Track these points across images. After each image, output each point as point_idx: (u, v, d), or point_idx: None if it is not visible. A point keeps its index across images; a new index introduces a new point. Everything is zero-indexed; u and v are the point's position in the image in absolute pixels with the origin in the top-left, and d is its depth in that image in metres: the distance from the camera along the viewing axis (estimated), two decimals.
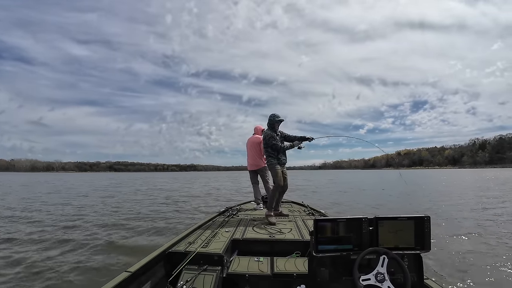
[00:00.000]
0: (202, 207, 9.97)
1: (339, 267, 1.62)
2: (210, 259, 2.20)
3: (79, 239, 5.22)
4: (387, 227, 1.61)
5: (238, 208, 4.56)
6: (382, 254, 1.51)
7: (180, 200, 12.31)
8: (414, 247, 1.60)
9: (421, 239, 1.59)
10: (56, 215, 8.19)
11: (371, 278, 1.47)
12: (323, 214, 4.04)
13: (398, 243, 1.60)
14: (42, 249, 4.59)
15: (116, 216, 8.12)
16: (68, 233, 5.78)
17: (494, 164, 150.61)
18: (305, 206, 4.63)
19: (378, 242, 1.59)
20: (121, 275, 1.80)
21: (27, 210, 9.23)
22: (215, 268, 2.12)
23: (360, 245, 1.59)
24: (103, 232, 5.90)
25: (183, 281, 1.97)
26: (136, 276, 1.88)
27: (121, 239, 5.32)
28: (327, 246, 1.60)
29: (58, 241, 5.10)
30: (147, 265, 2.03)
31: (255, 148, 4.43)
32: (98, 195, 14.95)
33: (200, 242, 2.53)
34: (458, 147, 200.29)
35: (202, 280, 1.99)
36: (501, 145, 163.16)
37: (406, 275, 1.48)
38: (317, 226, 1.60)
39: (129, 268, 1.90)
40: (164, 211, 9.02)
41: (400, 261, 1.51)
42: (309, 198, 9.84)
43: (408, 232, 1.60)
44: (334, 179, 33.17)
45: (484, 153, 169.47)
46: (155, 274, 2.13)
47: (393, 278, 1.50)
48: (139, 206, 10.43)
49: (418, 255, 1.64)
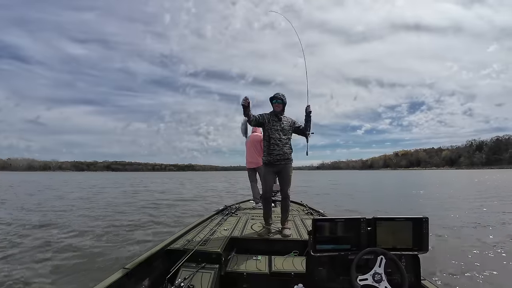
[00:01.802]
0: (183, 215, 8.14)
1: (337, 266, 1.62)
2: (209, 257, 2.19)
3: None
4: (385, 227, 1.61)
5: (237, 206, 4.56)
6: (380, 254, 1.52)
7: (162, 204, 10.58)
8: (412, 248, 1.61)
9: (419, 240, 1.60)
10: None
11: (369, 278, 1.47)
12: (322, 213, 4.04)
13: (396, 244, 1.61)
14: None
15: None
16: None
17: (491, 165, 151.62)
18: (304, 206, 4.63)
19: (376, 242, 1.60)
20: (118, 272, 1.79)
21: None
22: (213, 266, 2.12)
23: (358, 245, 1.59)
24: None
25: (181, 278, 1.96)
26: (134, 273, 1.87)
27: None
28: (325, 246, 1.60)
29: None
30: (145, 262, 2.03)
31: (255, 146, 4.42)
32: (71, 197, 13.48)
33: (198, 240, 2.53)
34: (455, 148, 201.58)
35: (200, 278, 1.99)
36: (498, 146, 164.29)
37: (403, 275, 1.49)
38: (315, 225, 1.60)
39: (127, 265, 1.89)
40: (130, 223, 6.82)
41: (398, 262, 1.52)
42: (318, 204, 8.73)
43: (406, 233, 1.61)
44: (336, 180, 31.63)
45: (481, 154, 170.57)
46: (153, 271, 2.12)
47: (391, 278, 1.51)
48: (107, 213, 8.53)
49: (415, 256, 1.65)
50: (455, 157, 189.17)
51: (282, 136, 2.86)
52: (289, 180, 2.93)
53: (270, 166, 2.91)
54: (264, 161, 2.95)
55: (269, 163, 2.90)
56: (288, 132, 2.93)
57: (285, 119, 2.96)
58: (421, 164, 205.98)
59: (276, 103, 2.92)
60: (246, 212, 4.13)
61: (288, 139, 2.95)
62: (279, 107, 2.93)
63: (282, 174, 2.93)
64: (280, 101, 2.93)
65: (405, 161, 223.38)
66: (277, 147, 2.83)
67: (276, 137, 2.84)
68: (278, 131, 2.86)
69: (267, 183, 2.95)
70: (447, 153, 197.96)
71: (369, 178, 42.56)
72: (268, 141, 2.86)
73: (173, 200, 12.24)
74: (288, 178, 2.92)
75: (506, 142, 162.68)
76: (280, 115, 2.93)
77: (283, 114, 2.98)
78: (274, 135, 2.84)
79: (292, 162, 2.96)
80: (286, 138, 2.90)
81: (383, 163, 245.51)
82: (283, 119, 2.94)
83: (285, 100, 2.96)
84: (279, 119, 2.91)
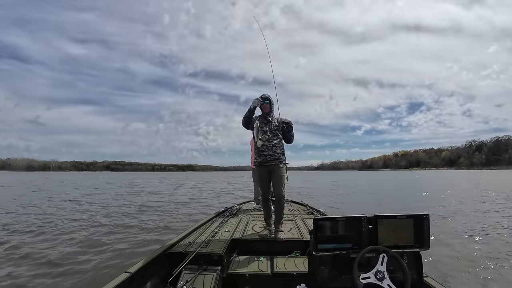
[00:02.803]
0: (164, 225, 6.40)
1: (339, 265, 1.62)
2: (210, 259, 2.19)
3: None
4: (386, 225, 1.61)
5: (238, 208, 4.56)
6: (381, 252, 1.52)
7: (147, 211, 8.73)
8: (413, 245, 1.61)
9: (420, 237, 1.60)
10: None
11: (371, 276, 1.47)
12: (323, 213, 4.04)
13: (398, 242, 1.61)
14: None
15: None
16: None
17: (490, 166, 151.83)
18: (305, 205, 4.64)
19: (378, 240, 1.60)
20: (121, 276, 1.79)
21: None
22: (215, 268, 2.12)
23: (359, 244, 1.60)
24: None
25: (183, 281, 1.96)
26: (136, 277, 1.87)
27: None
28: (327, 245, 1.60)
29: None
30: (147, 265, 2.03)
31: None
32: (60, 199, 12.36)
33: (200, 242, 2.52)
34: (455, 148, 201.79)
35: (202, 280, 1.99)
36: (497, 147, 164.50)
37: (406, 273, 1.49)
38: (316, 225, 1.60)
39: (129, 269, 1.89)
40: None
41: (400, 259, 1.52)
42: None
43: (407, 230, 1.61)
44: (337, 181, 29.64)
45: (481, 154, 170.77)
46: (155, 275, 2.12)
47: (393, 276, 1.51)
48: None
49: (417, 253, 1.65)
50: (455, 158, 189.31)
51: (271, 137, 2.87)
52: (282, 181, 2.82)
53: (261, 167, 2.90)
54: (255, 163, 2.96)
55: (260, 165, 2.90)
56: (277, 133, 2.91)
57: (274, 119, 2.95)
58: (420, 165, 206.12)
59: (264, 104, 2.90)
60: (247, 213, 4.13)
61: (279, 140, 2.92)
62: (267, 108, 2.93)
63: (274, 175, 2.87)
64: (268, 101, 2.92)
65: (405, 161, 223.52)
66: (266, 148, 2.83)
67: (265, 138, 2.84)
68: (267, 132, 2.87)
69: (264, 183, 2.94)
70: (447, 154, 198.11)
71: (373, 178, 41.33)
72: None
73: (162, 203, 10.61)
74: (280, 178, 2.82)
75: (505, 142, 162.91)
76: (268, 116, 2.94)
77: (272, 115, 2.97)
78: (263, 137, 2.84)
79: (285, 163, 2.91)
80: (275, 139, 2.88)
81: (383, 164, 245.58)
82: (272, 120, 2.94)
83: (272, 100, 2.96)
84: (267, 121, 2.92)
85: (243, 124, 2.91)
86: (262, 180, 2.96)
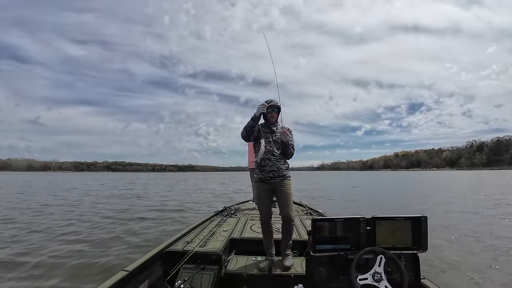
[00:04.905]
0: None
1: (337, 266, 1.62)
2: (208, 258, 2.20)
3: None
4: (384, 227, 1.61)
5: (236, 207, 4.56)
6: (379, 254, 1.52)
7: (130, 219, 7.24)
8: (411, 247, 1.61)
9: (418, 239, 1.60)
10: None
11: (368, 277, 1.47)
12: (321, 213, 4.04)
13: (396, 243, 1.61)
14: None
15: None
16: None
17: (491, 166, 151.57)
18: (303, 206, 4.64)
19: (376, 242, 1.60)
20: (118, 274, 1.79)
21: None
22: (212, 268, 2.12)
23: (357, 245, 1.60)
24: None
25: (181, 280, 1.97)
26: (133, 275, 1.88)
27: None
28: (325, 246, 1.60)
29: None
30: (144, 264, 2.03)
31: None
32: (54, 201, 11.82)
33: (198, 241, 2.53)
34: (455, 149, 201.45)
35: (199, 279, 2.00)
36: (498, 147, 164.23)
37: (403, 275, 1.49)
38: (315, 225, 1.60)
39: (126, 267, 1.89)
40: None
41: (397, 261, 1.52)
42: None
43: (405, 232, 1.61)
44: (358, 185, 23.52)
45: (482, 155, 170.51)
46: (153, 273, 2.12)
47: (390, 277, 1.51)
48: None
49: (415, 255, 1.65)
50: (456, 158, 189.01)
51: (275, 150, 2.36)
52: (289, 200, 2.35)
53: (263, 184, 2.38)
54: (256, 178, 2.46)
55: (261, 181, 2.39)
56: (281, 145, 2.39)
57: (279, 129, 2.43)
58: (421, 165, 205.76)
59: (272, 113, 2.39)
60: (246, 213, 4.14)
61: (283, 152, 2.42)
62: (274, 117, 2.42)
63: (279, 193, 2.36)
64: (276, 110, 2.41)
65: (405, 161, 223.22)
66: (269, 162, 2.33)
67: (268, 150, 2.34)
68: (271, 144, 2.36)
69: (264, 205, 2.41)
70: (448, 154, 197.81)
71: (387, 179, 38.64)
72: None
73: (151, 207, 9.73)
74: (286, 197, 2.33)
75: (506, 143, 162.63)
76: (272, 126, 2.43)
77: (276, 124, 2.47)
78: (266, 149, 2.34)
79: (290, 178, 2.43)
80: (280, 152, 2.38)
81: (383, 164, 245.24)
82: (277, 130, 2.42)
83: (280, 107, 2.45)
84: (271, 131, 2.41)
85: (242, 136, 2.36)
86: (262, 200, 2.41)
